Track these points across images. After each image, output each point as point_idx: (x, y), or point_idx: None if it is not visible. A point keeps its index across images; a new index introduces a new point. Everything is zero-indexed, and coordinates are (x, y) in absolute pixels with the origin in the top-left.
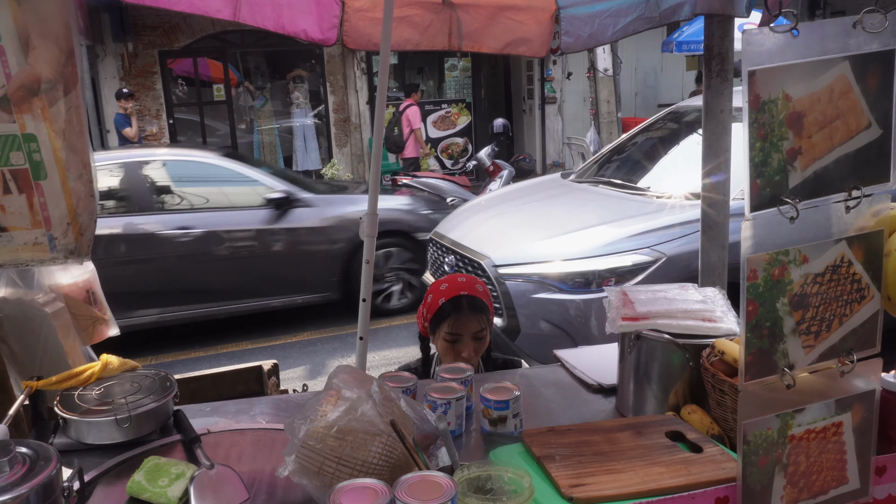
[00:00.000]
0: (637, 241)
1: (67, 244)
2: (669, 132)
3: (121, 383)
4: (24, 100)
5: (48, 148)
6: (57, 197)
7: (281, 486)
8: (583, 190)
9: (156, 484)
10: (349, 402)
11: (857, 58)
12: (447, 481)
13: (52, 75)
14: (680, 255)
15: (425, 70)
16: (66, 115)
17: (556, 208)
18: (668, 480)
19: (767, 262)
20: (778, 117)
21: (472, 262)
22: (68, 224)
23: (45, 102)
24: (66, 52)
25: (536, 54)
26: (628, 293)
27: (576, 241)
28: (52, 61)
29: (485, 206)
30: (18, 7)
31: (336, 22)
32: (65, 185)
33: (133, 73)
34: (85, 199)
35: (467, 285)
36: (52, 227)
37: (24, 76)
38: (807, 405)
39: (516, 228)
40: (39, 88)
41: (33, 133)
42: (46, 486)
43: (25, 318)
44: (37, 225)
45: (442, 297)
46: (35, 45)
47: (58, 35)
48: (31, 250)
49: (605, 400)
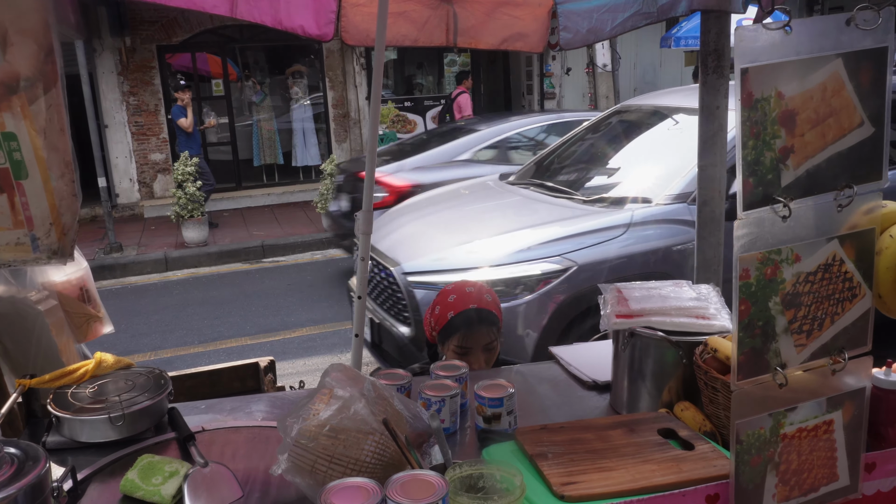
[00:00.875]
0: (549, 248)
1: (50, 244)
2: (611, 133)
3: (115, 381)
4: (2, 98)
5: (28, 147)
6: (39, 196)
7: (275, 484)
8: (511, 193)
9: (149, 482)
10: (342, 400)
11: (851, 55)
12: (438, 480)
13: (32, 73)
14: (592, 263)
15: (424, 65)
16: (47, 114)
17: (478, 213)
18: (659, 478)
19: (760, 262)
20: (770, 115)
21: (384, 269)
22: (51, 224)
23: (25, 100)
24: (46, 48)
25: (533, 50)
26: (623, 290)
27: (488, 248)
28: (30, 58)
29: (412, 208)
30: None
31: (332, 17)
32: (46, 184)
33: (131, 69)
34: (67, 199)
35: (475, 297)
36: (35, 227)
37: (2, 73)
38: (799, 404)
39: (432, 234)
40: (18, 86)
41: (13, 131)
42: (35, 486)
43: (18, 316)
44: (18, 225)
45: (451, 311)
46: (13, 42)
47: (36, 31)
48: (14, 250)
49: (600, 396)
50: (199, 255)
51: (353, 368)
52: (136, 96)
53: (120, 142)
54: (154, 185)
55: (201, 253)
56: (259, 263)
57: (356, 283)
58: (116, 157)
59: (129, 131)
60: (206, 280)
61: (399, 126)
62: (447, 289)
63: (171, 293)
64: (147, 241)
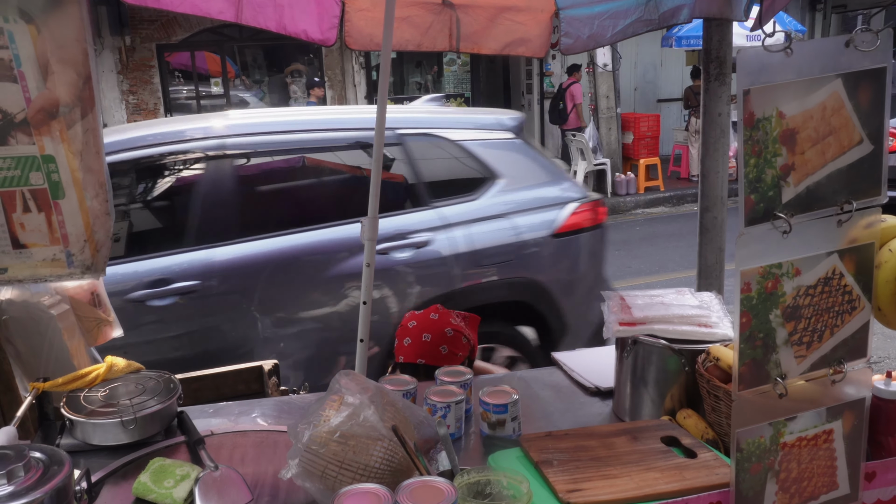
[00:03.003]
0: None
1: (84, 260)
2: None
3: (125, 385)
4: (43, 122)
5: (66, 168)
6: (74, 215)
7: (284, 488)
8: None
9: (161, 485)
10: (352, 407)
11: (850, 75)
12: (448, 486)
13: (70, 99)
14: None
15: (424, 64)
16: (84, 137)
17: None
18: (662, 486)
19: (761, 275)
20: (772, 134)
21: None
22: (85, 241)
23: (64, 125)
24: (84, 76)
25: (535, 55)
26: (626, 298)
27: None
28: (70, 85)
29: None
30: (38, 34)
31: (336, 22)
32: (82, 203)
33: (130, 67)
34: (101, 218)
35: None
36: (70, 244)
37: (43, 100)
38: (799, 413)
39: None
40: (58, 112)
41: (52, 154)
42: (60, 490)
43: (31, 320)
44: (55, 242)
45: (401, 356)
46: (54, 70)
47: (76, 60)
48: (50, 266)
49: (602, 403)
50: None
51: (361, 375)
52: (136, 95)
53: None
54: None
55: None
56: None
57: (362, 289)
58: None
59: None
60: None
61: None
62: (410, 314)
63: None
64: None
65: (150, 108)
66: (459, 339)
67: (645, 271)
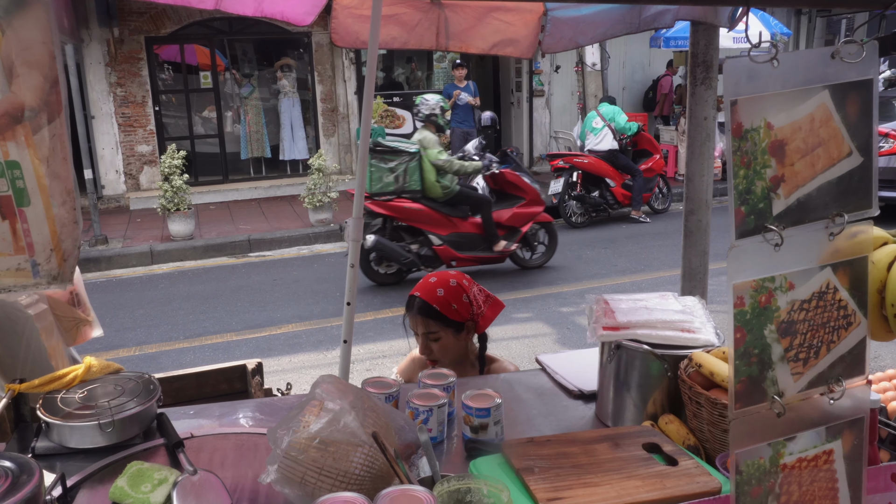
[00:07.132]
0: None
1: (50, 270)
2: None
3: (104, 386)
4: (7, 127)
5: (32, 175)
6: (40, 223)
7: (263, 492)
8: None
9: (138, 490)
10: (332, 413)
11: (837, 87)
12: (427, 496)
13: (36, 103)
14: None
15: (413, 61)
16: (50, 143)
17: None
18: (643, 494)
19: (754, 289)
20: (760, 145)
21: None
22: (51, 250)
23: (29, 130)
24: (51, 80)
25: (523, 55)
26: (609, 302)
27: None
28: (36, 89)
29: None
30: (2, 36)
31: (317, 10)
32: (48, 211)
33: (119, 60)
34: (68, 226)
35: (429, 286)
36: (35, 253)
37: (7, 104)
38: (798, 433)
39: None
40: (23, 116)
41: (16, 160)
42: (29, 500)
43: (8, 320)
44: (19, 251)
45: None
46: (19, 73)
47: (42, 63)
48: (14, 276)
49: (586, 406)
50: (185, 248)
51: (342, 380)
52: (124, 87)
53: (106, 133)
54: (140, 177)
55: (187, 246)
56: (245, 258)
57: (346, 290)
58: (103, 148)
59: (116, 122)
60: (191, 274)
61: (387, 121)
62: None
63: (156, 287)
64: (133, 233)
65: (138, 101)
66: (460, 296)
67: (630, 270)
